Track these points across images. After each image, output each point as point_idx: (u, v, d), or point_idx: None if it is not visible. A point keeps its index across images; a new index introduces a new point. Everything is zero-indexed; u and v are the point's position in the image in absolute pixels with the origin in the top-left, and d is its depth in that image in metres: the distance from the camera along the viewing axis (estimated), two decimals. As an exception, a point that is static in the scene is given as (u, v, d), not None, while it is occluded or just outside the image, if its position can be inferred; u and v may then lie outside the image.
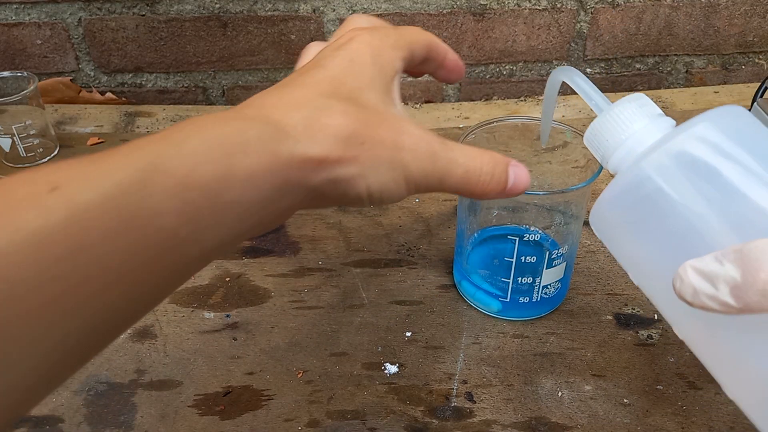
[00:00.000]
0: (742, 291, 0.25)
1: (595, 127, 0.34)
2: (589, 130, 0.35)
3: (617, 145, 0.33)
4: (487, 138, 0.51)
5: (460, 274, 0.53)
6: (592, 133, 0.35)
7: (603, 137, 0.34)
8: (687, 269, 0.27)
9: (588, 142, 0.35)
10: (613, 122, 0.33)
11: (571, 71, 0.37)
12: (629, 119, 0.33)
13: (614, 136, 0.33)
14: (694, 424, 0.44)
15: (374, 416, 0.45)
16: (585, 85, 0.36)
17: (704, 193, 0.29)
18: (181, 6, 0.78)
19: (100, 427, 0.44)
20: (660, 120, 0.33)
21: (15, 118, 0.67)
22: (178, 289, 0.54)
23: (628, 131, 0.33)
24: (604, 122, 0.34)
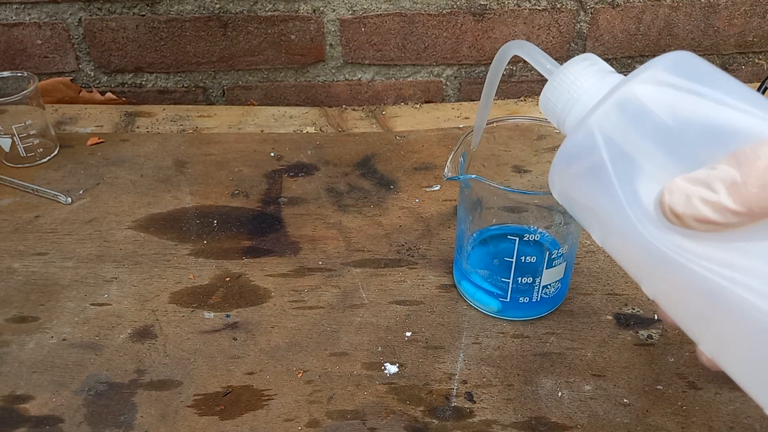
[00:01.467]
0: (741, 187, 0.23)
1: (546, 92, 0.33)
2: (542, 95, 0.34)
3: (570, 107, 0.32)
4: (487, 138, 0.52)
5: (460, 274, 0.53)
6: (545, 98, 0.33)
7: (554, 101, 0.33)
8: (676, 181, 0.25)
9: (543, 108, 0.34)
10: (564, 84, 0.32)
11: (522, 43, 0.36)
12: (579, 78, 0.32)
13: (565, 97, 0.32)
14: (694, 424, 0.44)
15: (374, 416, 0.45)
16: (535, 53, 0.35)
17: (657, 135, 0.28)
18: (181, 6, 0.78)
19: (100, 427, 0.44)
20: (611, 76, 0.32)
21: (15, 118, 0.67)
22: (178, 289, 0.54)
23: (579, 90, 0.32)
24: (555, 85, 0.33)
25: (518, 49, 0.37)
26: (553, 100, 0.33)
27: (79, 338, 0.50)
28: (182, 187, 0.66)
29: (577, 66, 0.32)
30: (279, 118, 0.77)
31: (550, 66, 0.34)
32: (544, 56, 0.35)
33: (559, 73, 0.33)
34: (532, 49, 0.36)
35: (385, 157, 0.70)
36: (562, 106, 0.33)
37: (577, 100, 0.32)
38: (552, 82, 0.33)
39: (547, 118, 0.34)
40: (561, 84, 0.32)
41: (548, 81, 0.33)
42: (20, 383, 0.47)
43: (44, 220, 0.62)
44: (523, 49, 0.36)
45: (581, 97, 0.32)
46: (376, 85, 0.84)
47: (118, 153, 0.71)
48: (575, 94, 0.32)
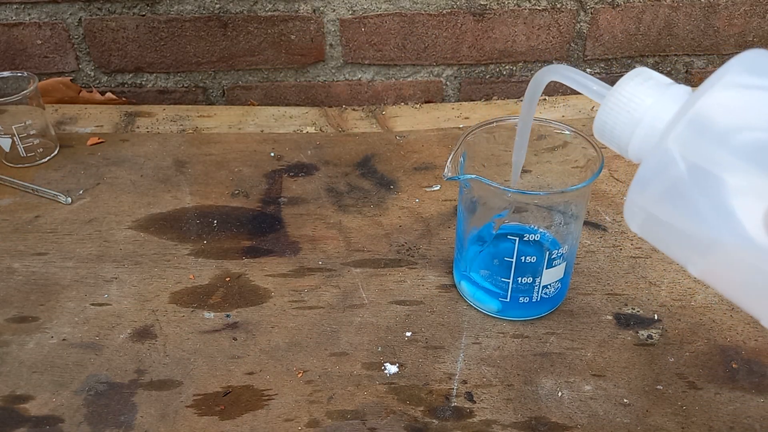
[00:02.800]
0: None
1: (601, 117, 0.30)
2: (596, 121, 0.31)
3: (631, 129, 0.29)
4: (487, 138, 0.52)
5: (460, 274, 0.53)
6: (600, 124, 0.30)
7: (613, 126, 0.30)
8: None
9: (599, 134, 0.31)
10: (620, 106, 0.29)
11: (557, 68, 0.33)
12: (636, 96, 0.29)
13: (625, 120, 0.29)
14: (694, 424, 0.44)
15: (374, 416, 0.45)
16: (577, 76, 0.32)
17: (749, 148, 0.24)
18: (181, 6, 0.78)
19: (100, 427, 0.44)
20: (672, 89, 0.29)
21: (15, 118, 0.67)
22: (178, 289, 0.54)
23: (640, 110, 0.29)
24: (610, 109, 0.30)
25: (554, 74, 0.34)
26: (609, 124, 0.30)
27: (79, 338, 0.50)
28: (182, 187, 0.66)
29: (631, 83, 0.29)
30: (279, 118, 0.77)
31: (598, 87, 0.32)
32: (586, 77, 0.32)
33: (613, 94, 0.30)
34: (570, 72, 0.33)
35: (385, 157, 0.70)
36: (621, 130, 0.30)
37: (640, 121, 0.29)
38: (606, 104, 0.30)
39: (604, 143, 0.31)
40: (616, 105, 0.29)
41: (601, 104, 0.30)
42: (20, 383, 0.47)
43: (44, 220, 0.62)
44: (560, 74, 0.33)
45: (644, 117, 0.29)
46: (376, 85, 0.84)
47: (118, 153, 0.71)
48: (636, 115, 0.29)
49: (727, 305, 0.53)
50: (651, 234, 0.30)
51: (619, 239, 0.59)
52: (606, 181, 0.66)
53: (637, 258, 0.57)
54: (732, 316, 0.52)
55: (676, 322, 0.51)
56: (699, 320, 0.51)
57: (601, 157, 0.47)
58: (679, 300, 0.53)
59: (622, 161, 0.68)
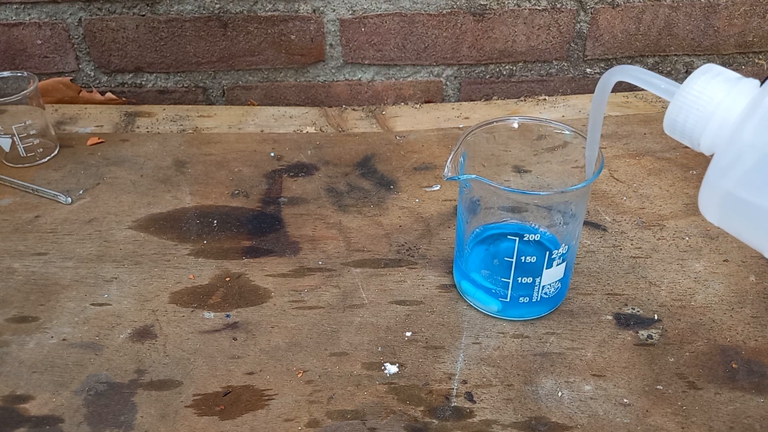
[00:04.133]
0: None
1: (672, 113, 0.32)
2: (667, 117, 0.32)
3: (704, 123, 0.30)
4: (487, 138, 0.52)
5: (460, 274, 0.53)
6: (671, 119, 0.32)
7: (685, 120, 0.31)
8: None
9: (670, 130, 0.33)
10: (692, 101, 0.31)
11: (625, 68, 0.35)
12: (708, 92, 0.30)
13: (697, 115, 0.31)
14: (694, 424, 0.44)
15: (374, 416, 0.45)
16: (645, 75, 0.34)
17: None
18: (181, 6, 0.78)
19: (100, 427, 0.44)
20: (741, 83, 0.30)
21: (15, 118, 0.67)
22: (178, 289, 0.54)
23: (712, 105, 0.30)
24: (681, 104, 0.31)
25: (622, 74, 0.35)
26: (681, 120, 0.31)
27: (79, 338, 0.50)
28: (182, 187, 0.66)
29: (700, 80, 0.31)
30: (279, 118, 0.77)
31: (666, 85, 0.33)
32: (654, 76, 0.34)
33: (683, 90, 0.31)
34: (637, 72, 0.34)
35: (385, 157, 0.70)
36: (692, 125, 0.31)
37: (712, 116, 0.30)
38: (677, 101, 0.31)
39: (676, 138, 0.33)
40: (687, 101, 0.31)
41: (672, 101, 0.32)
42: (20, 383, 0.47)
43: (44, 220, 0.62)
44: (628, 74, 0.35)
45: (715, 111, 0.30)
46: (376, 85, 0.84)
47: (118, 153, 0.71)
48: (708, 110, 0.30)
49: (727, 305, 0.53)
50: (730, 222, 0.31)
51: (619, 239, 0.59)
52: (606, 181, 0.66)
53: (637, 258, 0.57)
54: (732, 316, 0.52)
55: (676, 322, 0.51)
56: (699, 320, 0.51)
57: (601, 157, 0.47)
58: (679, 300, 0.53)
59: (622, 161, 0.68)
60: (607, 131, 0.73)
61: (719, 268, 0.56)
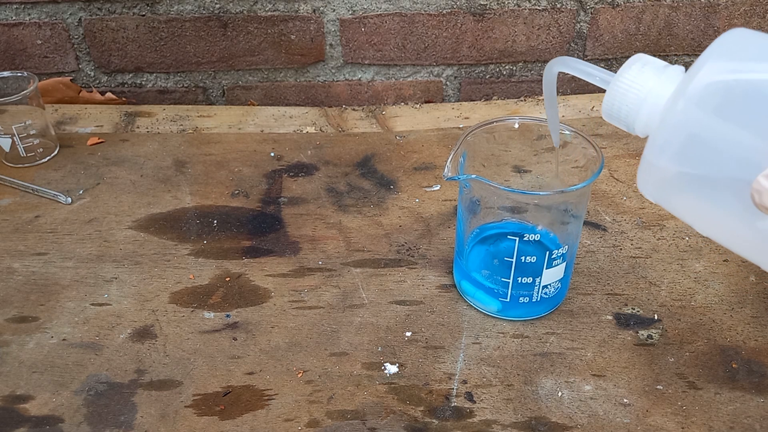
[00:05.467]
0: None
1: (608, 101, 0.34)
2: (605, 104, 0.35)
3: (637, 108, 0.33)
4: (487, 138, 0.52)
5: (460, 274, 0.53)
6: (608, 106, 0.35)
7: (620, 107, 0.34)
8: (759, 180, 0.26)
9: (608, 116, 0.35)
10: (624, 89, 0.33)
11: (564, 59, 0.37)
12: (639, 80, 0.33)
13: (630, 101, 0.33)
14: (693, 424, 0.44)
15: (374, 416, 0.45)
16: (583, 66, 0.37)
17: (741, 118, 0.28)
18: (181, 6, 0.78)
19: (100, 427, 0.44)
20: (668, 70, 0.33)
21: (15, 118, 0.67)
22: (178, 289, 0.54)
23: (643, 91, 0.33)
24: (616, 92, 0.34)
25: (561, 65, 0.38)
26: (617, 107, 0.34)
27: (79, 338, 0.50)
28: (182, 187, 0.66)
29: (631, 69, 0.33)
30: (279, 118, 0.77)
31: (602, 75, 0.36)
32: (592, 67, 0.36)
33: (617, 80, 0.34)
34: (577, 63, 0.37)
35: (385, 157, 0.70)
36: (627, 111, 0.34)
37: (643, 101, 0.33)
38: (612, 90, 0.34)
39: (614, 123, 0.36)
40: (620, 90, 0.34)
41: (608, 89, 0.34)
42: (20, 383, 0.47)
43: (44, 220, 0.62)
44: (567, 65, 0.37)
45: (647, 97, 0.33)
46: (376, 85, 0.84)
47: (118, 153, 0.71)
48: (640, 96, 0.33)
49: (727, 305, 0.53)
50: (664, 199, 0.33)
51: (619, 239, 0.59)
52: (606, 181, 0.66)
53: (637, 258, 0.57)
54: (732, 316, 0.52)
55: (676, 322, 0.51)
56: (699, 320, 0.51)
57: (601, 157, 0.47)
58: (679, 300, 0.53)
59: (622, 161, 0.68)
60: (608, 131, 0.73)
61: (719, 268, 0.56)
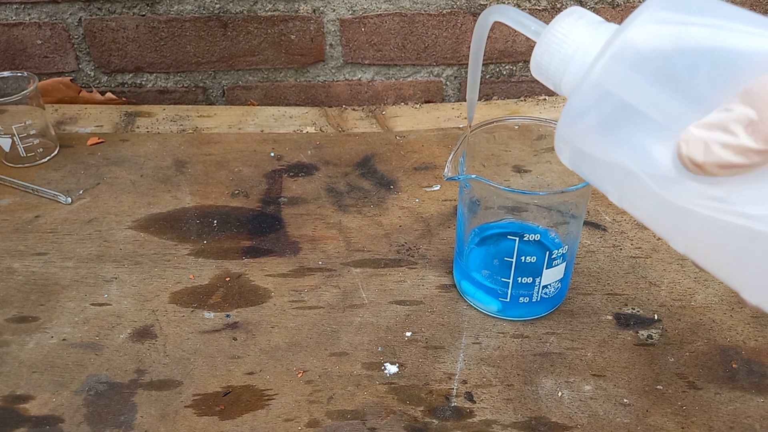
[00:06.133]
0: (760, 125, 0.22)
1: (537, 54, 0.31)
2: (533, 58, 0.31)
3: (565, 65, 0.30)
4: (487, 138, 0.52)
5: (460, 274, 0.53)
6: (535, 61, 0.31)
7: (548, 63, 0.31)
8: (690, 130, 0.24)
9: (535, 71, 0.32)
10: (554, 43, 0.30)
11: (501, 7, 0.34)
12: (570, 34, 0.30)
13: (558, 57, 0.30)
14: (693, 424, 0.44)
15: (374, 416, 0.45)
16: (518, 15, 0.33)
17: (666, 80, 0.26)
18: (181, 6, 0.78)
19: (100, 427, 0.44)
20: (603, 26, 0.30)
21: (15, 118, 0.67)
22: (178, 289, 0.54)
23: (573, 47, 0.30)
24: (545, 45, 0.30)
25: (498, 14, 0.34)
26: (545, 62, 0.31)
27: (79, 338, 0.50)
28: (182, 187, 0.66)
29: (564, 22, 0.30)
30: (279, 118, 0.77)
31: (536, 27, 0.32)
32: (528, 18, 0.33)
33: (548, 32, 0.30)
34: (513, 12, 0.33)
35: (385, 157, 0.70)
36: (555, 67, 0.30)
37: (572, 58, 0.30)
38: (541, 42, 0.31)
39: (541, 80, 0.32)
40: (551, 43, 0.30)
41: (537, 42, 0.31)
42: (20, 383, 0.47)
43: (44, 220, 0.62)
44: (503, 14, 0.34)
45: (575, 53, 0.30)
46: (376, 85, 0.84)
47: (118, 153, 0.71)
48: (569, 51, 0.30)
49: (727, 305, 0.53)
50: (579, 166, 0.31)
51: (619, 239, 0.59)
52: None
53: (637, 258, 0.57)
54: (732, 316, 0.52)
55: (676, 322, 0.51)
56: (699, 320, 0.51)
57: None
58: (679, 300, 0.53)
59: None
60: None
61: (719, 268, 0.56)
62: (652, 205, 0.28)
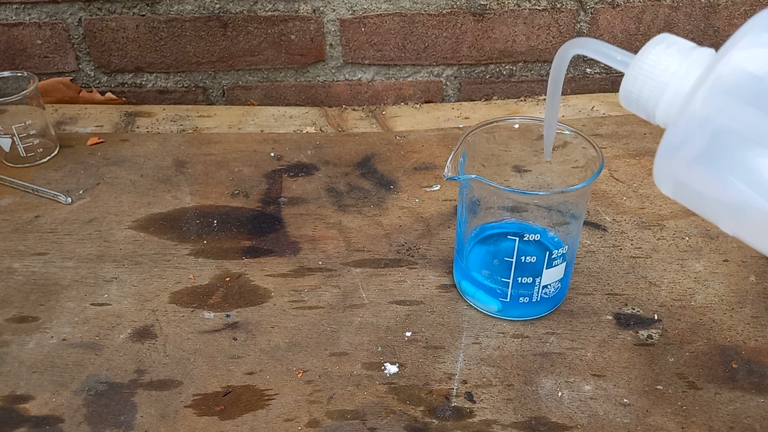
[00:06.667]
0: None
1: (627, 84, 0.30)
2: (622, 88, 0.31)
3: (658, 95, 0.29)
4: (487, 138, 0.52)
5: (460, 274, 0.53)
6: (626, 91, 0.31)
7: (640, 91, 0.30)
8: None
9: (625, 102, 0.31)
10: (646, 71, 0.29)
11: (581, 41, 0.33)
12: (660, 62, 0.29)
13: (651, 85, 0.29)
14: (694, 424, 0.44)
15: (374, 416, 0.45)
16: (600, 46, 0.33)
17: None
18: (181, 6, 0.78)
19: (100, 427, 0.44)
20: (696, 52, 0.29)
21: (15, 118, 0.67)
22: (178, 289, 0.54)
23: (666, 75, 0.29)
24: (636, 75, 0.30)
25: (578, 48, 0.34)
26: (636, 92, 0.30)
27: (79, 338, 0.50)
28: (182, 187, 0.66)
29: (655, 50, 0.30)
30: (279, 118, 0.77)
31: (622, 57, 0.32)
32: (612, 48, 0.33)
33: (638, 61, 0.30)
34: (596, 44, 0.33)
35: (385, 157, 0.70)
36: (647, 96, 0.30)
37: (666, 86, 0.29)
38: (631, 72, 0.30)
39: (632, 110, 0.32)
40: (641, 72, 0.30)
41: (627, 72, 0.31)
42: (20, 383, 0.47)
43: (44, 220, 0.62)
44: (585, 47, 0.33)
45: (670, 81, 0.29)
46: (376, 85, 0.84)
47: (118, 153, 0.71)
48: (662, 80, 0.29)
49: (727, 305, 0.53)
50: (684, 197, 0.30)
51: (619, 239, 0.59)
52: (606, 181, 0.66)
53: (637, 258, 0.57)
54: (732, 316, 0.52)
55: (676, 322, 0.51)
56: (699, 320, 0.51)
57: (601, 157, 0.47)
58: (679, 300, 0.53)
59: (622, 161, 0.68)
60: (608, 131, 0.73)
61: (719, 268, 0.56)
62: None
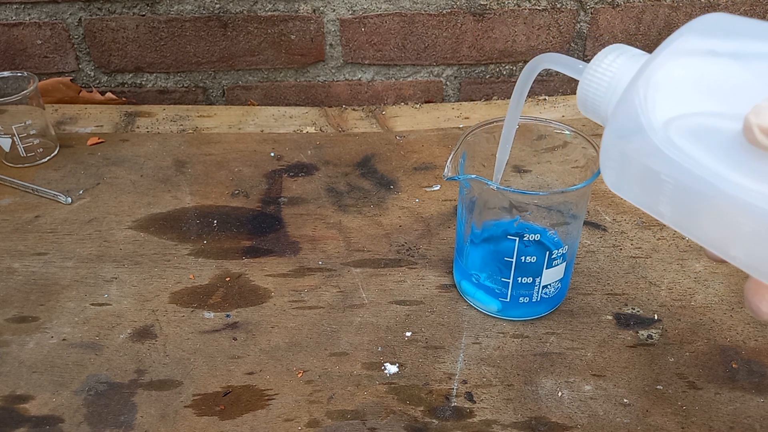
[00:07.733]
0: None
1: (582, 91, 0.32)
2: (578, 96, 0.33)
3: (609, 98, 0.31)
4: (487, 138, 0.52)
5: (460, 274, 0.53)
6: (581, 97, 0.32)
7: (593, 97, 0.32)
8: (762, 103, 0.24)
9: (582, 108, 0.33)
10: (598, 78, 0.31)
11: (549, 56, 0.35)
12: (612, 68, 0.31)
13: (602, 91, 0.31)
14: (694, 424, 0.44)
15: (374, 416, 0.45)
16: (565, 59, 0.35)
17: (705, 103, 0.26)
18: (181, 6, 0.78)
19: (100, 427, 0.44)
20: (640, 57, 0.31)
21: (15, 118, 0.67)
22: (178, 289, 0.54)
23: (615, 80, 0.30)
24: (589, 82, 0.32)
25: (546, 62, 0.36)
26: (590, 98, 0.32)
27: (79, 338, 0.50)
28: (182, 187, 0.66)
29: (607, 58, 0.31)
30: (279, 118, 0.77)
31: (582, 66, 0.33)
32: (574, 60, 0.35)
33: (590, 68, 0.32)
34: (560, 57, 0.35)
35: (385, 157, 0.70)
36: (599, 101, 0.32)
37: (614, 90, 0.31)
38: (584, 79, 0.32)
39: (588, 116, 0.33)
40: (593, 79, 0.31)
41: (581, 79, 0.32)
42: (20, 383, 0.47)
43: (44, 220, 0.62)
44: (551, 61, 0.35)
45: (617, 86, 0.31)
46: (376, 85, 0.84)
47: (118, 153, 0.71)
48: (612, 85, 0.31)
49: (727, 305, 0.53)
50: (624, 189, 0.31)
51: (619, 239, 0.59)
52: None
53: (637, 258, 0.57)
54: (732, 316, 0.52)
55: (676, 322, 0.51)
56: (699, 320, 0.51)
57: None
58: (679, 300, 0.53)
59: (622, 161, 0.68)
60: (607, 131, 0.73)
61: (719, 268, 0.56)
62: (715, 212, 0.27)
